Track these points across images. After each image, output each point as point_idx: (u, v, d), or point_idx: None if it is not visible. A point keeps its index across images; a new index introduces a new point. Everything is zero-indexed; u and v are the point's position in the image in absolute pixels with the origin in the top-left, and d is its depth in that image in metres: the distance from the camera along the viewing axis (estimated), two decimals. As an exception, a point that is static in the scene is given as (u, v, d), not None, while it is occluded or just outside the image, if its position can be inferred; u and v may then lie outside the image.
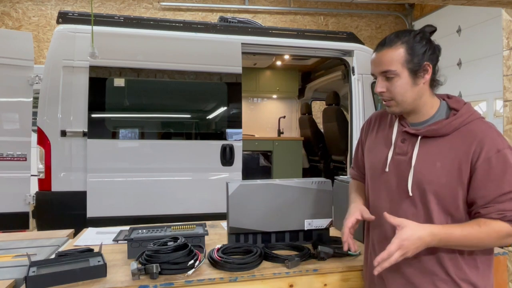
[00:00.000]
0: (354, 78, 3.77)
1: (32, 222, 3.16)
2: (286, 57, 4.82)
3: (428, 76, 1.23)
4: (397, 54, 1.20)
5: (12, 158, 3.07)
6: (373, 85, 3.80)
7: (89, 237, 1.89)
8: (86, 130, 3.08)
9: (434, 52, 1.24)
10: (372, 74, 1.29)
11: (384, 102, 1.29)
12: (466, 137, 1.18)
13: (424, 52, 1.22)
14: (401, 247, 1.10)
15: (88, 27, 2.72)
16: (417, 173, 1.22)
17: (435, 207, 1.20)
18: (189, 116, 3.51)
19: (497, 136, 1.17)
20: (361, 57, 3.79)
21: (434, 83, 1.27)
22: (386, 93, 1.25)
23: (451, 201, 1.19)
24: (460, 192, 1.18)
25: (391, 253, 1.10)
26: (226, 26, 3.56)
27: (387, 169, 1.30)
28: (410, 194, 1.23)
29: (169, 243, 1.44)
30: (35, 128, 3.06)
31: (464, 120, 1.20)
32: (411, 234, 1.11)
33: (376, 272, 1.12)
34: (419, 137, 1.24)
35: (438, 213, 1.20)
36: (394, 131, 1.32)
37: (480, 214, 1.16)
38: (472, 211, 1.19)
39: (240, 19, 3.88)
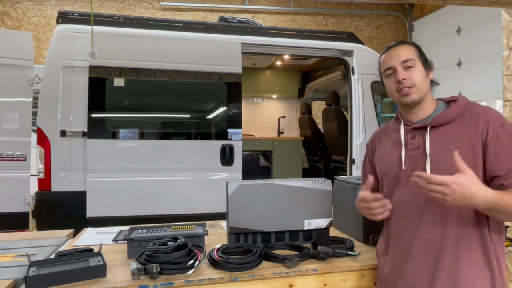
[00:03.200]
0: (354, 78, 3.77)
1: (32, 222, 3.15)
2: (286, 57, 4.82)
3: (431, 74, 1.40)
4: (412, 49, 1.39)
5: (12, 158, 3.07)
6: (373, 84, 3.81)
7: (89, 237, 1.89)
8: (86, 130, 3.07)
9: None
10: (388, 69, 1.39)
11: (403, 91, 1.35)
12: (471, 118, 1.29)
13: (425, 56, 1.41)
14: (448, 186, 1.09)
15: (88, 27, 2.72)
16: (433, 160, 1.29)
17: None
18: (189, 116, 3.51)
19: (497, 113, 1.31)
20: (361, 57, 3.79)
21: (432, 83, 1.42)
22: (407, 80, 1.35)
23: None
24: (478, 170, 1.23)
25: (435, 181, 1.11)
26: (226, 26, 3.56)
27: (403, 167, 1.35)
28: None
29: (169, 243, 1.43)
30: (35, 128, 3.06)
31: (464, 106, 1.33)
32: (466, 183, 1.10)
33: (411, 179, 1.17)
34: (428, 128, 1.33)
35: None
36: (401, 133, 1.39)
37: (504, 185, 1.22)
38: (494, 185, 1.24)
39: (240, 19, 3.88)
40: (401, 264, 1.34)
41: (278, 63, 5.46)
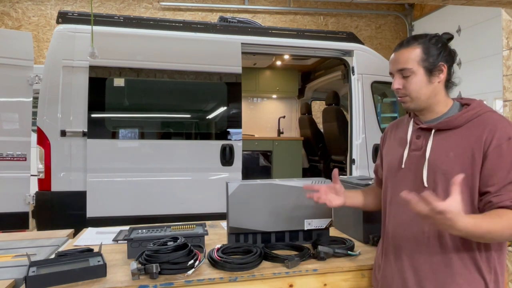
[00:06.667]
0: (354, 78, 3.77)
1: (32, 222, 3.15)
2: (286, 57, 4.82)
3: (443, 76, 1.28)
4: (414, 53, 1.27)
5: (12, 158, 3.07)
6: (373, 84, 3.81)
7: (89, 237, 1.89)
8: (85, 130, 3.08)
9: (449, 54, 1.30)
10: (390, 73, 1.35)
11: (399, 99, 1.34)
12: (478, 127, 1.21)
13: (439, 54, 1.28)
14: (443, 213, 1.00)
15: (88, 27, 2.72)
16: (431, 164, 1.25)
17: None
18: (189, 116, 3.51)
19: (509, 124, 1.20)
20: (361, 57, 3.79)
21: (449, 84, 1.32)
22: (402, 90, 1.31)
23: (467, 191, 1.19)
24: (475, 181, 1.19)
25: (430, 204, 1.00)
26: (226, 26, 3.56)
27: (403, 166, 1.33)
28: (426, 185, 1.25)
29: (169, 243, 1.43)
30: (35, 128, 3.06)
31: (476, 112, 1.24)
32: (457, 214, 1.02)
33: (403, 195, 1.05)
34: (433, 131, 1.28)
35: None
36: (409, 131, 1.37)
37: (492, 203, 1.15)
38: (483, 200, 1.18)
39: (240, 19, 3.88)
40: (390, 264, 1.35)
41: (278, 63, 5.46)
